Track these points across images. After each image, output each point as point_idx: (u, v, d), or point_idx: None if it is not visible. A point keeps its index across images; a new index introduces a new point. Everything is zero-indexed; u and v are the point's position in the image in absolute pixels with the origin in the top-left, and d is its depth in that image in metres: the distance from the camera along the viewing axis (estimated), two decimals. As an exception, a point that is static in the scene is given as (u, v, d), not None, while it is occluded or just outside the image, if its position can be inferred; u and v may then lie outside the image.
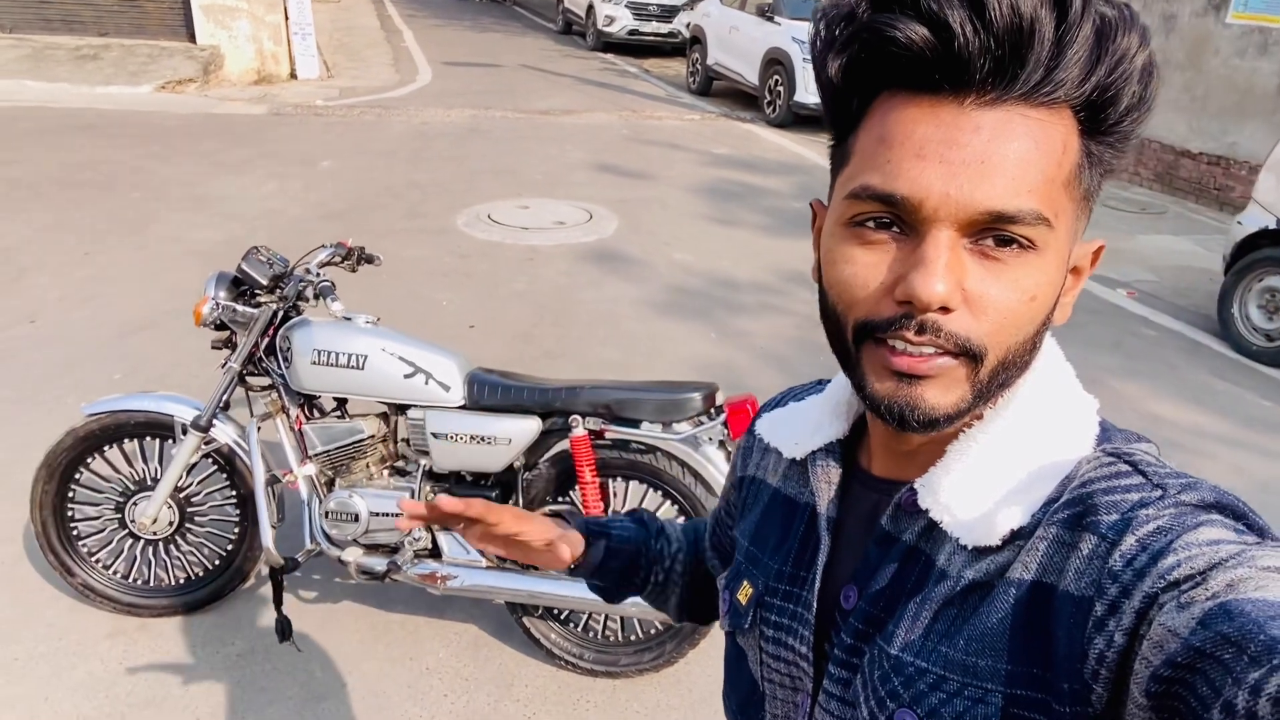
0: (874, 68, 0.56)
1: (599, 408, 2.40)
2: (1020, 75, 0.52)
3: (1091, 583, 0.51)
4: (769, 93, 10.71)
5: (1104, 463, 0.58)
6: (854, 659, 0.64)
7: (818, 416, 0.76)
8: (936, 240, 0.54)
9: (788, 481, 0.78)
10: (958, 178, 0.53)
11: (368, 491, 2.48)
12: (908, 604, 0.61)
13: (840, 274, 0.59)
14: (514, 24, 20.30)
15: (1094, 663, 0.50)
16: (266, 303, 2.48)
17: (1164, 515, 0.52)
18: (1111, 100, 0.54)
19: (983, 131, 0.53)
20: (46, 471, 2.56)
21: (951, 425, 0.59)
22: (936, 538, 0.62)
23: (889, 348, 0.57)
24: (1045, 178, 0.54)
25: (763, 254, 6.12)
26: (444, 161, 8.04)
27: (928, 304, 0.54)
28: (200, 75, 10.87)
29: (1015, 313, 0.55)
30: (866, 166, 0.57)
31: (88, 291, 4.94)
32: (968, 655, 0.56)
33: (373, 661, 2.61)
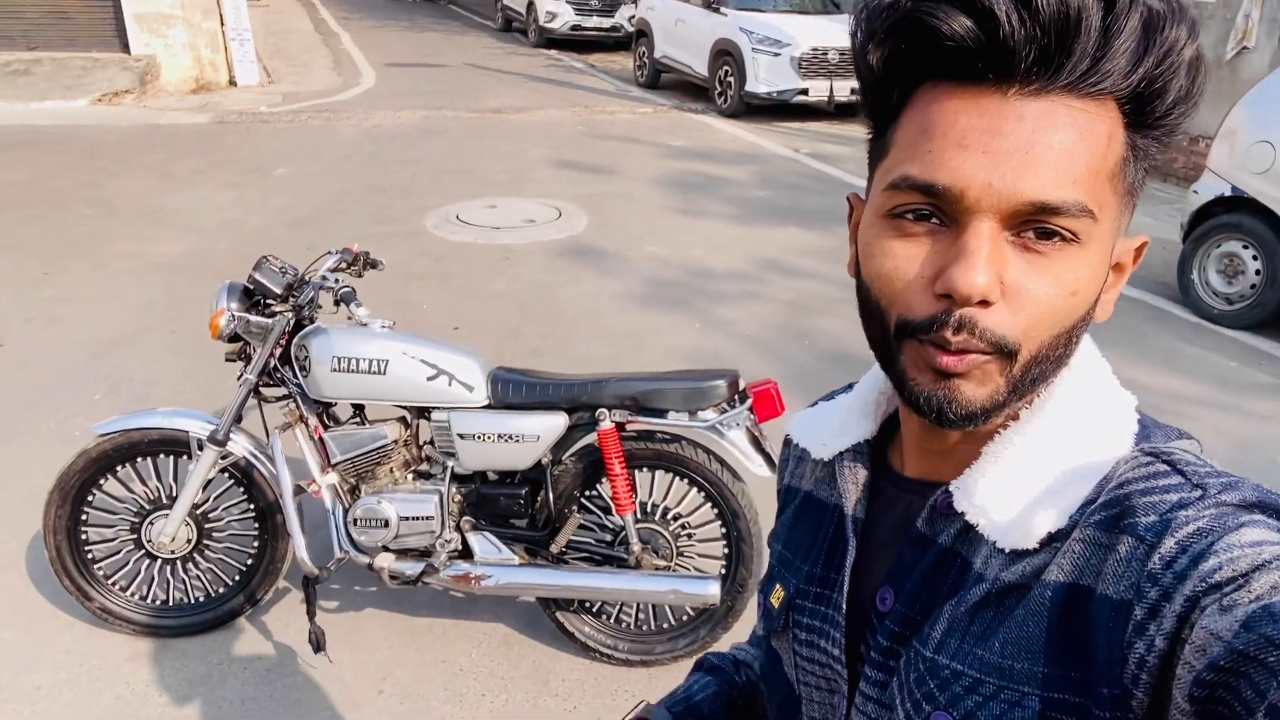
0: (916, 58, 0.55)
1: (625, 400, 2.42)
2: (1066, 65, 0.51)
3: (1130, 585, 0.51)
4: (719, 83, 10.77)
5: (1142, 462, 0.57)
6: (890, 661, 0.64)
7: (844, 416, 0.76)
8: (978, 231, 0.53)
9: (819, 485, 0.78)
10: (1000, 167, 0.52)
11: (395, 496, 2.47)
12: (944, 606, 0.61)
13: (880, 267, 0.58)
14: (452, 23, 20.08)
15: (1134, 667, 0.49)
16: (281, 312, 2.45)
17: (1204, 516, 0.51)
18: (1158, 93, 0.53)
19: (1026, 121, 0.52)
20: (59, 495, 2.50)
21: (989, 420, 0.58)
22: (973, 540, 0.61)
23: (931, 345, 0.56)
24: (1090, 169, 0.53)
25: (734, 243, 6.18)
26: (403, 164, 7.96)
27: (968, 296, 0.53)
28: (137, 86, 10.58)
29: (1054, 307, 0.55)
30: (907, 157, 0.56)
31: (53, 312, 4.80)
32: (1004, 658, 0.56)
33: (405, 667, 2.60)
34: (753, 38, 10.14)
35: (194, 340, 4.52)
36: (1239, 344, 4.84)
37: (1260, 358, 4.70)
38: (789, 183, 7.87)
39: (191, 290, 5.13)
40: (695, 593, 2.43)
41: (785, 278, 5.61)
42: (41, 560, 2.95)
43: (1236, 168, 4.81)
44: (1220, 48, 7.45)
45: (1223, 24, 7.52)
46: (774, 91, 10.14)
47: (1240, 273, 4.94)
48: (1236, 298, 4.98)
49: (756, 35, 10.13)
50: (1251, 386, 4.36)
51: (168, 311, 4.86)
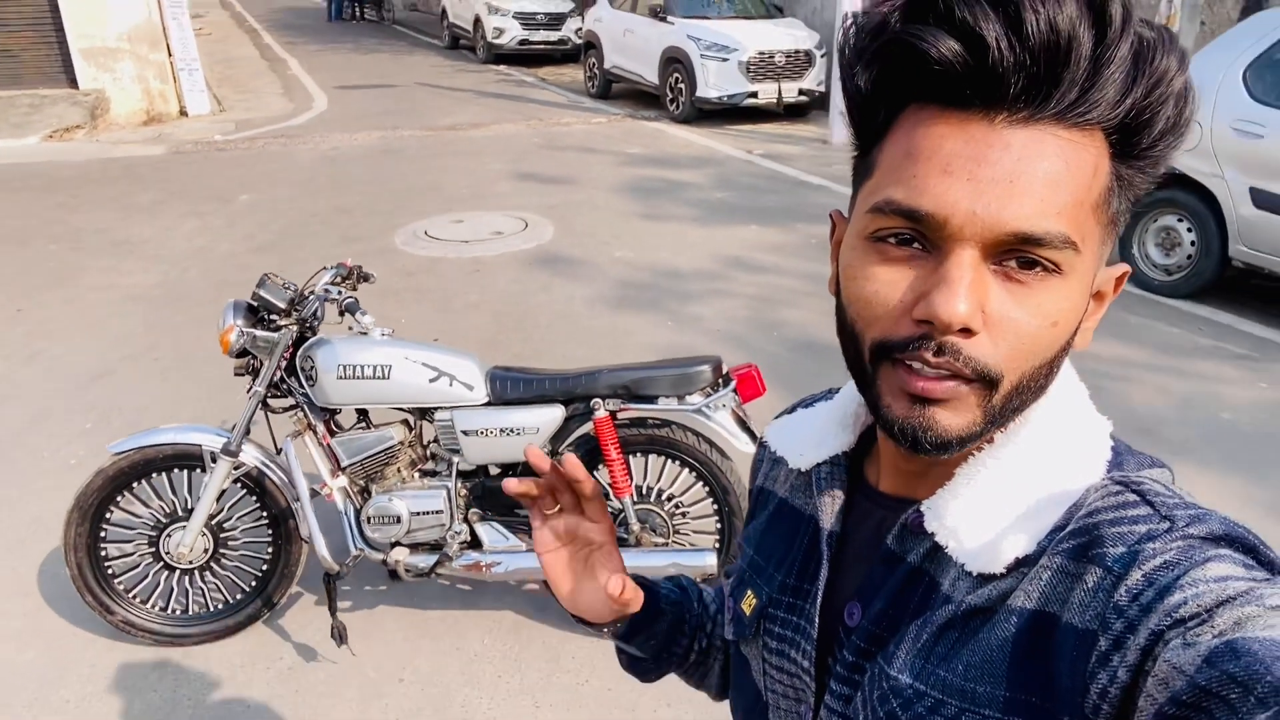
0: (904, 80, 0.55)
1: (618, 389, 2.58)
2: (1055, 94, 0.51)
3: (1095, 616, 0.51)
4: (670, 90, 10.99)
5: (1112, 491, 0.57)
6: (855, 676, 0.64)
7: (824, 427, 0.76)
8: (960, 260, 0.53)
9: (794, 492, 0.78)
10: (984, 196, 0.52)
11: (406, 493, 2.61)
12: (909, 625, 0.61)
13: (860, 290, 0.58)
14: (399, 43, 20.13)
15: (1096, 697, 0.50)
16: (286, 325, 2.58)
17: (1171, 549, 0.51)
18: (1146, 124, 0.53)
19: (1013, 150, 0.52)
20: (79, 514, 2.60)
21: (964, 448, 0.58)
22: (941, 561, 0.62)
23: (906, 368, 0.56)
24: (1074, 200, 0.53)
25: (698, 244, 6.37)
26: (364, 184, 8.05)
27: (949, 324, 0.52)
28: (88, 121, 10.55)
29: (1035, 338, 0.55)
30: (891, 180, 0.56)
31: (31, 348, 4.85)
32: (966, 680, 0.56)
33: (422, 656, 2.73)
34: (701, 44, 10.37)
35: (178, 366, 4.60)
36: (1179, 311, 5.13)
37: (1199, 323, 4.99)
38: (745, 183, 8.09)
39: (169, 318, 5.20)
40: (694, 564, 2.60)
41: (750, 274, 5.81)
42: (55, 583, 3.04)
43: (1167, 146, 5.09)
44: (1146, 34, 7.80)
45: (1147, 10, 7.90)
46: (724, 96, 10.38)
47: (1177, 245, 5.24)
48: (1175, 268, 5.27)
49: (704, 42, 10.37)
50: (1194, 350, 4.65)
51: (147, 340, 4.92)
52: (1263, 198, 4.69)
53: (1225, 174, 4.82)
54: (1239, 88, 4.78)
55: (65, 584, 3.02)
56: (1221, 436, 3.83)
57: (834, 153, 9.38)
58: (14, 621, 2.89)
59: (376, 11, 25.59)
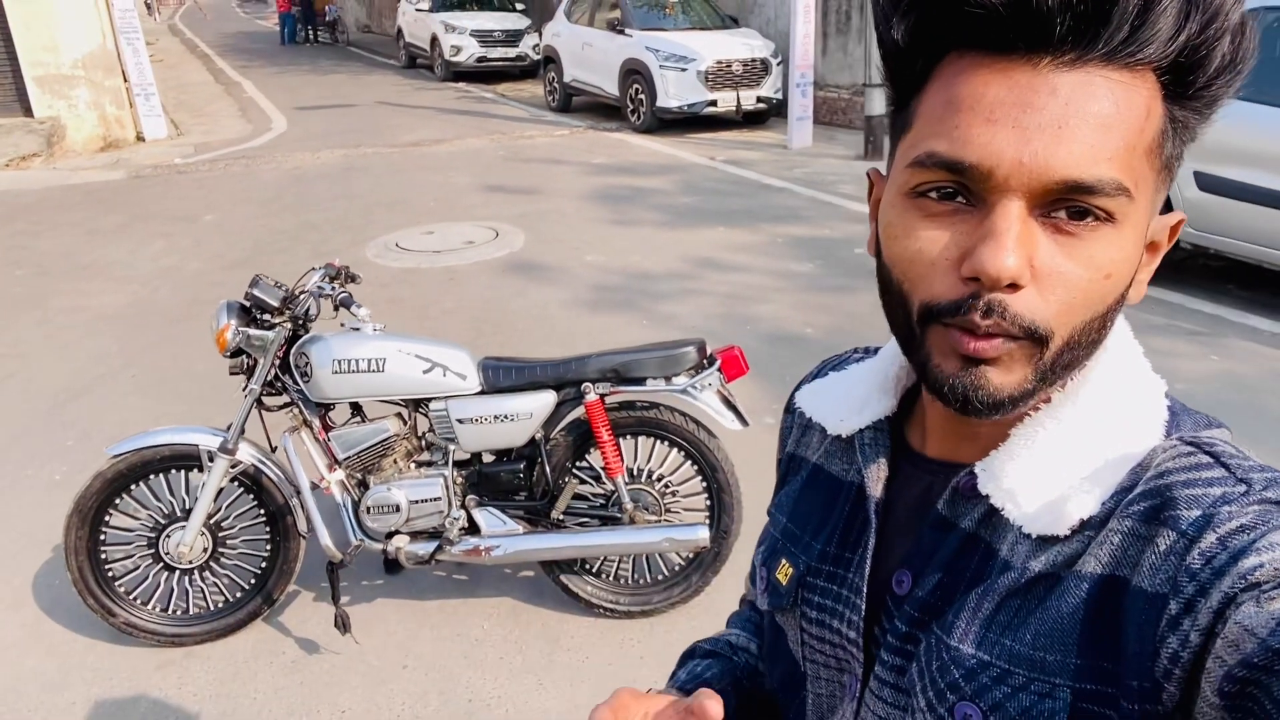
0: (944, 27, 0.52)
1: (607, 373, 2.67)
2: (1103, 34, 0.48)
3: (1167, 579, 0.50)
4: (631, 101, 11.14)
5: (1183, 452, 0.55)
6: (909, 646, 0.62)
7: (865, 391, 0.73)
8: (1007, 211, 0.51)
9: (831, 459, 0.76)
10: (1032, 143, 0.49)
11: (404, 483, 2.67)
12: (968, 594, 0.59)
13: (903, 249, 0.56)
14: (354, 64, 20.12)
15: (1166, 661, 0.49)
16: (280, 324, 2.63)
17: (1248, 513, 0.50)
18: (1201, 62, 0.50)
19: (1060, 94, 0.49)
20: (78, 518, 2.62)
21: (1016, 408, 0.56)
22: (997, 525, 0.60)
23: (958, 330, 0.54)
24: (1126, 145, 0.50)
25: (667, 246, 6.49)
26: (331, 200, 8.08)
27: (997, 279, 0.50)
28: (44, 149, 10.44)
29: (1087, 291, 0.52)
30: (932, 132, 0.54)
31: (5, 369, 4.82)
32: (1035, 649, 0.54)
33: (424, 643, 2.79)
34: (659, 55, 10.54)
35: (156, 383, 4.61)
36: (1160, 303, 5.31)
37: (1153, 303, 5.18)
38: (709, 188, 8.24)
39: (142, 335, 5.20)
40: (687, 538, 2.69)
41: (720, 273, 5.93)
42: (51, 593, 3.06)
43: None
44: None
45: None
46: (684, 105, 10.55)
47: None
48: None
49: (663, 53, 10.54)
50: (1146, 327, 4.83)
51: (122, 358, 4.92)
52: (1206, 180, 4.92)
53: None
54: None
55: (61, 594, 3.04)
56: (1179, 406, 4.00)
57: (794, 157, 9.58)
58: (13, 632, 2.89)
59: (330, 34, 25.55)
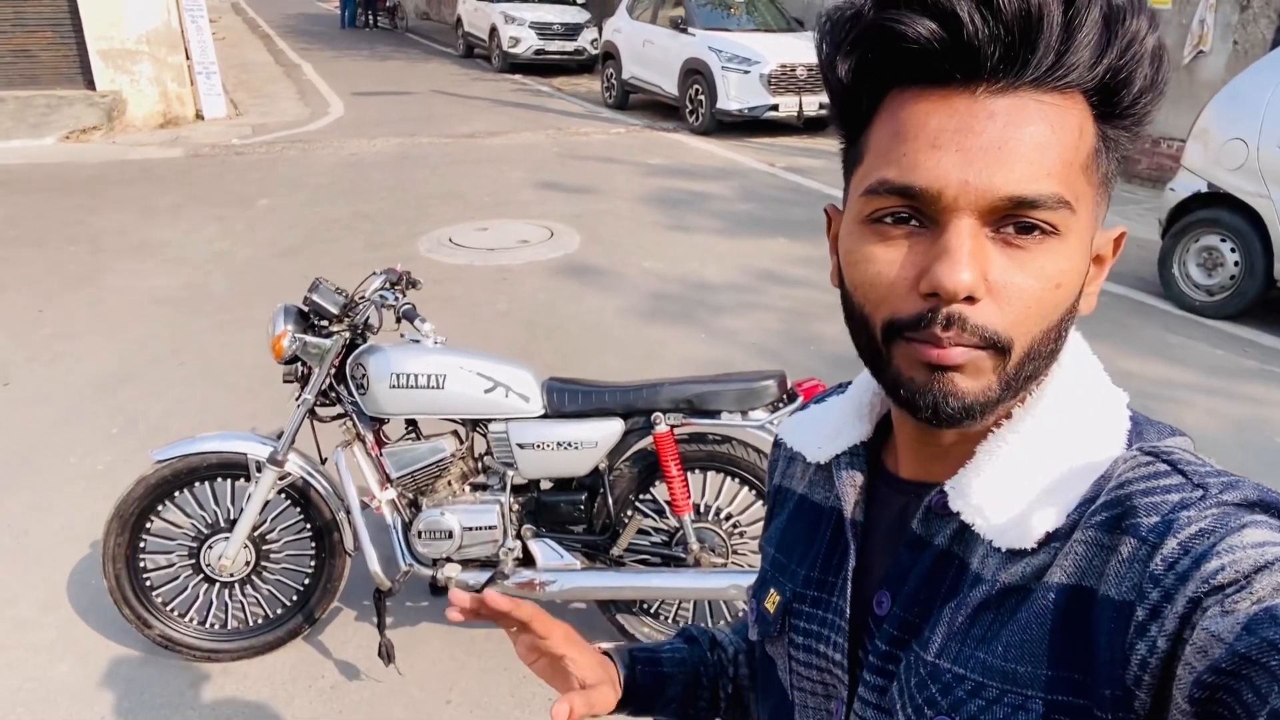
0: (884, 65, 0.56)
1: (680, 403, 2.49)
2: (1031, 61, 0.52)
3: (1133, 587, 0.51)
4: (690, 101, 10.94)
5: (1141, 462, 0.57)
6: (890, 665, 0.63)
7: (839, 419, 0.76)
8: (959, 229, 0.54)
9: (813, 487, 0.78)
10: (975, 164, 0.53)
11: (457, 507, 2.52)
12: (943, 609, 0.60)
13: (863, 273, 0.59)
14: (412, 50, 20.14)
15: (1136, 668, 0.49)
16: (338, 332, 2.49)
17: (1206, 517, 0.51)
18: (1124, 83, 0.54)
19: (997, 118, 0.53)
20: (119, 523, 2.50)
21: (984, 416, 0.58)
22: (969, 540, 0.61)
23: (920, 343, 0.56)
24: (1063, 161, 0.54)
25: (727, 256, 6.29)
26: (386, 190, 7.98)
27: (954, 293, 0.53)
28: (104, 122, 10.51)
29: (1040, 300, 0.55)
30: (882, 162, 0.56)
31: (55, 350, 4.76)
32: (1006, 661, 0.56)
33: (470, 676, 2.64)
34: (722, 56, 10.33)
35: (203, 372, 4.52)
36: (1222, 333, 5.05)
37: (1244, 345, 4.90)
38: (770, 196, 8.02)
39: (192, 322, 5.13)
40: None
41: (781, 286, 5.73)
42: (87, 592, 2.95)
43: (1211, 165, 5.03)
44: (1177, 52, 7.76)
45: (1179, 29, 7.84)
46: (745, 108, 10.33)
47: (1219, 265, 5.16)
48: (1217, 289, 5.19)
49: (726, 54, 10.33)
50: (1240, 372, 4.56)
51: (171, 344, 4.84)
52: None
53: (1272, 194, 4.75)
54: (1287, 107, 4.70)
55: (97, 594, 2.94)
56: (1278, 460, 3.74)
57: (856, 167, 9.31)
58: (47, 633, 2.79)
59: (390, 19, 25.64)
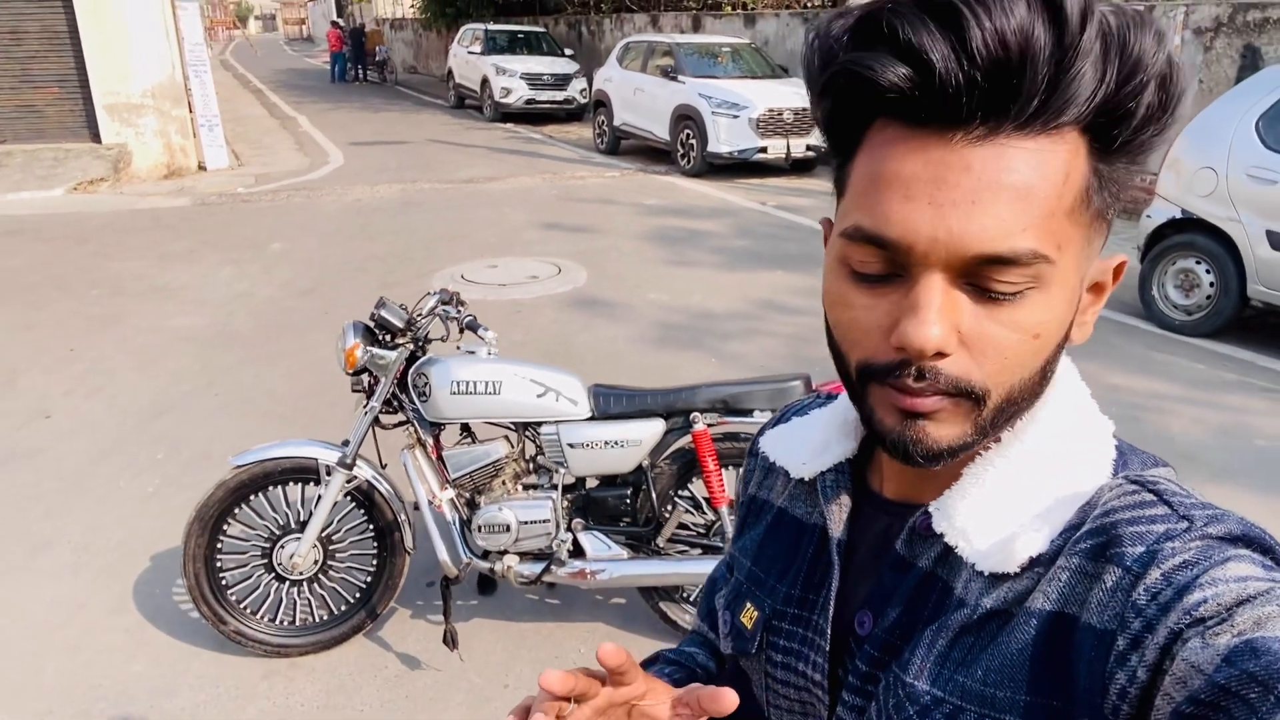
0: (861, 105, 0.54)
1: (716, 403, 2.73)
2: (1012, 108, 0.49)
3: (1114, 616, 0.51)
4: (681, 145, 11.34)
5: (1128, 491, 0.56)
6: (869, 686, 0.63)
7: (825, 435, 0.74)
8: (929, 285, 0.52)
9: (794, 502, 0.76)
10: (947, 220, 0.50)
11: (514, 503, 2.73)
12: (924, 631, 0.60)
13: (839, 316, 0.58)
14: (403, 102, 20.61)
15: (1115, 698, 0.49)
16: (403, 344, 2.72)
17: (1190, 549, 0.51)
18: (1124, 116, 0.50)
19: (973, 170, 0.50)
20: (199, 525, 2.70)
21: (956, 459, 0.58)
22: (953, 563, 0.61)
23: (893, 389, 0.56)
24: (1044, 212, 0.50)
25: (728, 287, 6.58)
26: (393, 233, 8.26)
27: (921, 352, 0.52)
28: (111, 174, 10.78)
29: (1018, 351, 0.53)
30: (857, 205, 0.55)
31: (91, 384, 4.96)
32: (986, 685, 0.55)
33: (523, 665, 2.83)
34: (712, 102, 10.75)
35: (240, 403, 4.72)
36: (1202, 349, 5.35)
37: (1223, 360, 5.20)
38: (764, 232, 8.35)
39: (221, 357, 5.33)
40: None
41: (782, 315, 6.01)
42: (152, 601, 3.13)
43: (1184, 192, 5.38)
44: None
45: (1146, 70, 8.28)
46: (735, 151, 10.73)
47: (1196, 286, 5.48)
48: (1195, 309, 5.51)
49: (715, 100, 10.75)
50: (1220, 384, 4.84)
51: (205, 377, 5.04)
52: (1279, 239, 4.95)
53: (1242, 218, 5.08)
54: (1253, 137, 5.06)
55: (162, 603, 3.12)
56: (1260, 462, 4.00)
57: (844, 205, 9.67)
58: (117, 637, 2.96)
59: (379, 73, 26.21)
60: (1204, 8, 8.06)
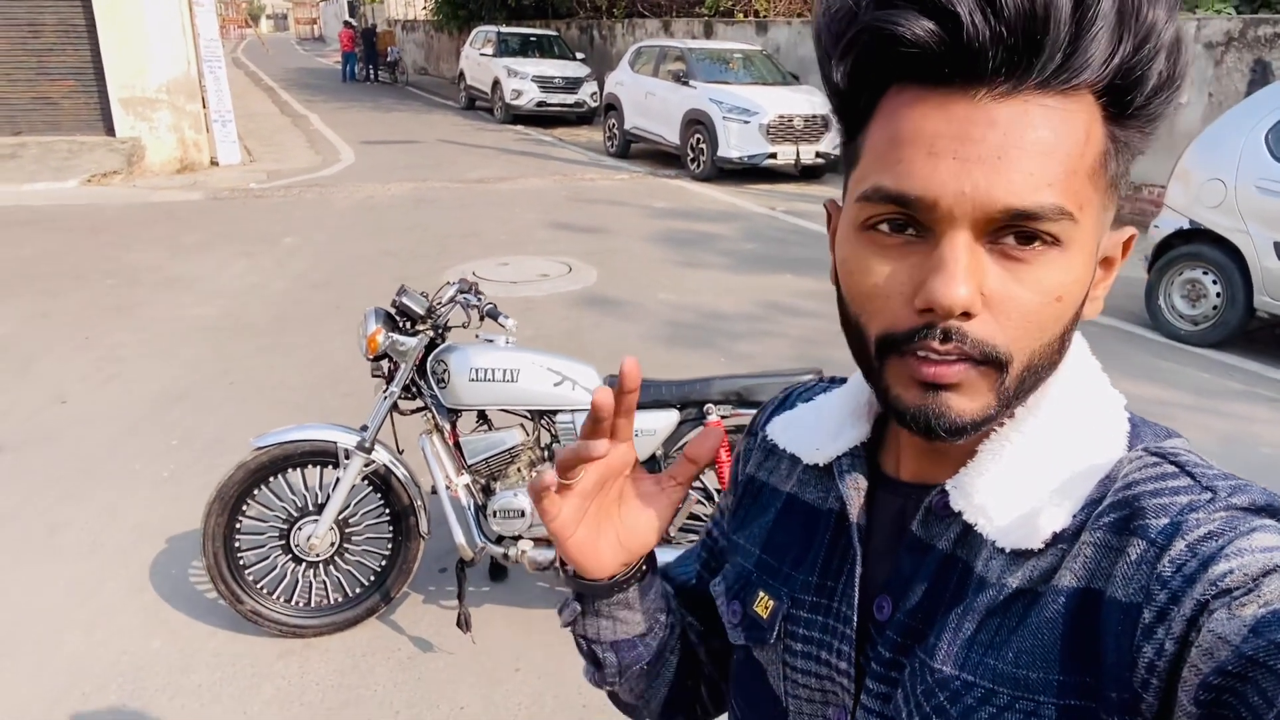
0: (881, 66, 0.53)
1: (730, 395, 2.78)
2: (1035, 64, 0.49)
3: (1140, 589, 0.50)
4: (691, 150, 11.41)
5: (1148, 463, 0.56)
6: (893, 673, 0.62)
7: (838, 419, 0.73)
8: (954, 242, 0.52)
9: (805, 487, 0.75)
10: (973, 175, 0.50)
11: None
12: (948, 615, 0.59)
13: (858, 284, 0.57)
14: (414, 103, 20.71)
15: (1144, 671, 0.49)
16: (423, 331, 2.77)
17: (1215, 519, 0.51)
18: (1138, 82, 0.51)
19: (998, 125, 0.50)
20: (219, 505, 2.75)
21: (978, 432, 0.57)
22: (972, 543, 0.60)
23: (915, 357, 0.54)
24: (1067, 169, 0.51)
25: (737, 289, 6.63)
26: (405, 230, 8.32)
27: (949, 310, 0.51)
28: (124, 167, 10.86)
29: (1040, 314, 0.53)
30: (877, 166, 0.54)
31: (107, 371, 5.01)
32: (1018, 668, 0.54)
33: (536, 649, 2.87)
34: (723, 108, 10.81)
35: (255, 393, 4.77)
36: (1207, 359, 5.39)
37: (1229, 370, 5.24)
38: (773, 236, 8.40)
39: (236, 347, 5.39)
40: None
41: (791, 317, 6.06)
42: (169, 582, 3.18)
43: (1193, 203, 5.42)
44: (1155, 104, 8.25)
45: (1156, 83, 8.34)
46: (745, 156, 10.79)
47: (1202, 296, 5.52)
48: (1201, 319, 5.55)
49: (726, 105, 10.81)
50: (1226, 393, 4.88)
51: (219, 366, 5.10)
52: (1286, 251, 5.00)
53: (1250, 229, 5.13)
54: (1262, 150, 5.11)
55: (179, 583, 3.17)
56: (1265, 470, 4.04)
57: (853, 211, 9.73)
58: (134, 616, 3.01)
59: (390, 74, 26.35)
60: (1215, 22, 8.12)
